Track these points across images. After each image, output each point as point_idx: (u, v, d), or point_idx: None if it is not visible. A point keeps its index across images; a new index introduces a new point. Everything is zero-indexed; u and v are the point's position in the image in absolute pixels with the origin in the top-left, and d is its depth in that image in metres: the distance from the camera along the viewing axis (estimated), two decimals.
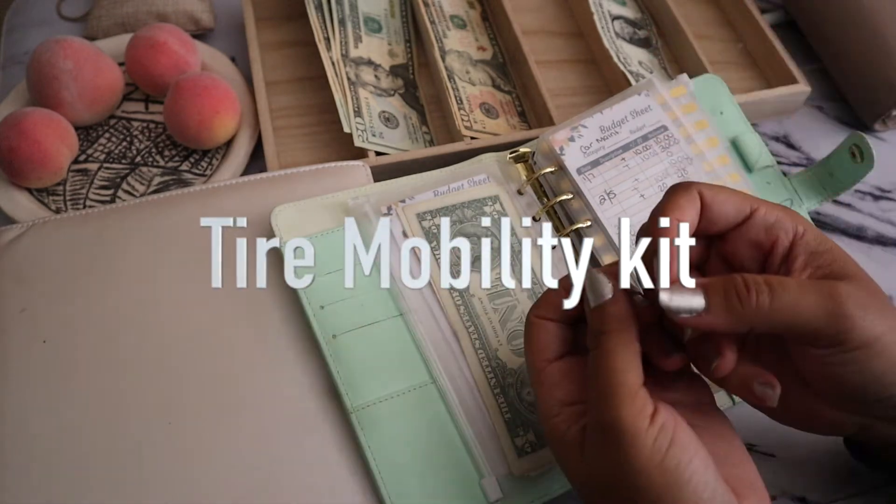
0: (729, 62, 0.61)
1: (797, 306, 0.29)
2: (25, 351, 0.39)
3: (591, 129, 0.46)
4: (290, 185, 0.45)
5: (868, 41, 0.55)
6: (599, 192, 0.44)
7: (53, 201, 0.49)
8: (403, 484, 0.37)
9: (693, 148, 0.46)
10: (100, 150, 0.52)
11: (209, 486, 0.37)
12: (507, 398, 0.39)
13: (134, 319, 0.40)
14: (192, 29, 0.58)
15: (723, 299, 0.30)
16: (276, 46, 0.58)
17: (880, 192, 0.54)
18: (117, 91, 0.52)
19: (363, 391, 0.39)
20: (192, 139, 0.50)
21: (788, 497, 0.41)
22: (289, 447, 0.38)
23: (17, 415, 0.38)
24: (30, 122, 0.47)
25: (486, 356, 0.40)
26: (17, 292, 0.41)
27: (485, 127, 0.52)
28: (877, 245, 0.52)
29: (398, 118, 0.53)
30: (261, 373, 0.39)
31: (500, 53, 0.59)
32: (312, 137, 0.54)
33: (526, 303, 0.42)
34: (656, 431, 0.28)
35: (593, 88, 0.58)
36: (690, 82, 0.48)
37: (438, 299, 0.41)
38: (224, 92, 0.50)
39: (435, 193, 0.44)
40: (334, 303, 0.40)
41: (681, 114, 0.47)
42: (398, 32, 0.58)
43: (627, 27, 0.60)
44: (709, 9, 0.64)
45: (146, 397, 0.38)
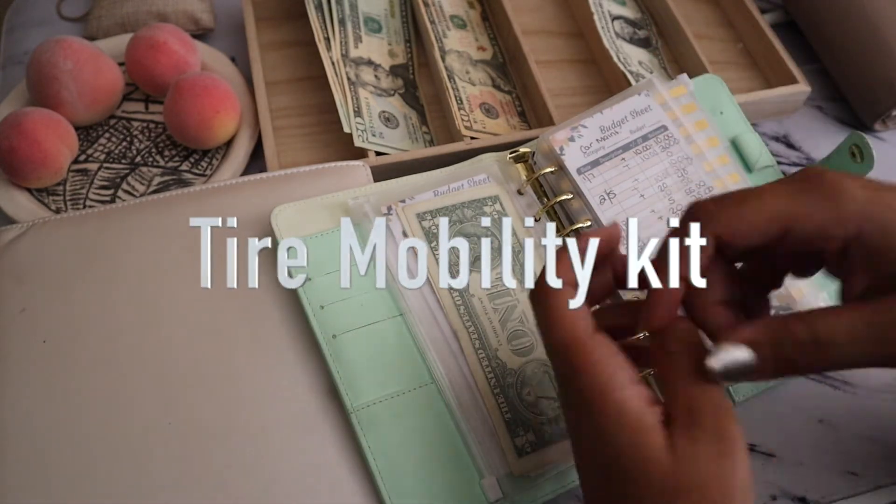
0: (729, 62, 0.61)
1: (847, 357, 0.28)
2: (25, 351, 0.39)
3: (591, 129, 0.46)
4: (289, 185, 0.45)
5: (868, 41, 0.55)
6: (599, 192, 0.44)
7: (53, 201, 0.49)
8: (403, 484, 0.37)
9: (693, 148, 0.46)
10: (100, 150, 0.52)
11: (209, 486, 0.37)
12: (507, 398, 0.39)
13: (134, 319, 0.40)
14: (192, 29, 0.58)
15: (771, 357, 0.28)
16: (276, 46, 0.58)
17: None
18: (117, 91, 0.52)
19: (363, 391, 0.39)
20: (192, 139, 0.50)
21: (788, 497, 0.41)
22: (289, 447, 0.38)
23: (17, 415, 0.38)
24: (30, 122, 0.47)
25: (486, 356, 0.40)
26: (17, 292, 0.41)
27: (485, 127, 0.52)
28: None
29: (398, 118, 0.53)
30: (261, 373, 0.39)
31: (500, 53, 0.59)
32: (312, 137, 0.54)
33: (526, 303, 0.42)
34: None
35: (593, 88, 0.58)
36: (690, 82, 0.48)
37: (438, 299, 0.41)
38: (224, 92, 0.50)
39: (435, 193, 0.44)
40: (334, 303, 0.40)
41: (681, 114, 0.47)
42: (398, 32, 0.58)
43: (627, 27, 0.60)
44: (709, 9, 0.64)
45: (146, 397, 0.38)
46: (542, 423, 0.39)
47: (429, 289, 0.41)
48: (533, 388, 0.40)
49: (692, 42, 0.57)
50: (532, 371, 0.40)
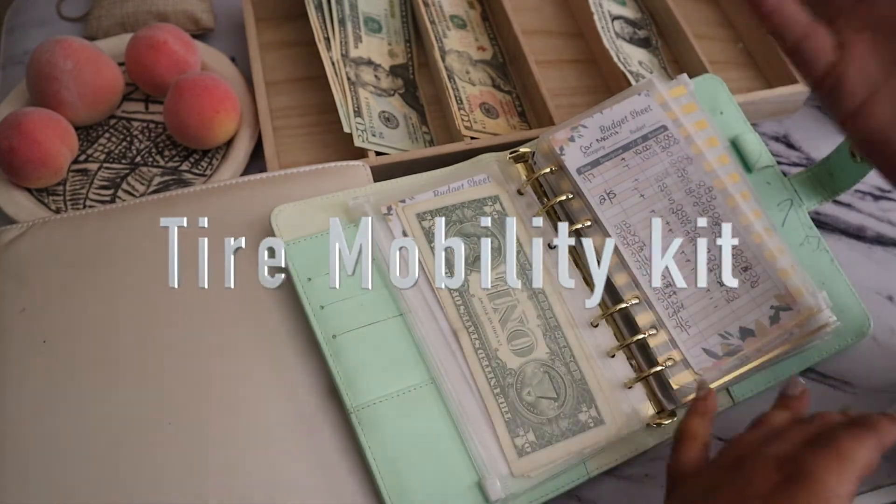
0: (729, 62, 0.61)
1: None
2: (25, 351, 0.39)
3: (591, 129, 0.46)
4: (289, 185, 0.45)
5: None
6: (599, 192, 0.44)
7: (53, 201, 0.49)
8: (403, 483, 0.37)
9: (693, 148, 0.46)
10: (100, 150, 0.52)
11: (209, 486, 0.37)
12: (507, 398, 0.39)
13: (134, 319, 0.40)
14: (192, 29, 0.58)
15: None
16: (276, 46, 0.58)
17: (880, 192, 0.54)
18: (117, 91, 0.52)
19: (363, 391, 0.39)
20: (192, 139, 0.50)
21: None
22: (289, 447, 0.38)
23: (17, 415, 0.38)
24: (30, 122, 0.47)
25: (486, 356, 0.40)
26: (17, 292, 0.41)
27: (485, 127, 0.52)
28: (877, 245, 0.52)
29: (398, 118, 0.53)
30: (261, 373, 0.39)
31: (500, 53, 0.59)
32: (312, 137, 0.54)
33: (526, 303, 0.42)
34: None
35: (593, 88, 0.58)
36: (690, 82, 0.48)
37: (438, 299, 0.41)
38: (224, 92, 0.50)
39: (435, 193, 0.44)
40: (334, 303, 0.40)
41: (681, 114, 0.47)
42: (398, 32, 0.58)
43: (627, 27, 0.60)
44: (709, 9, 0.64)
45: (146, 397, 0.38)
46: (542, 423, 0.39)
47: (429, 289, 0.41)
48: (533, 388, 0.40)
49: (692, 42, 0.57)
50: (532, 371, 0.40)
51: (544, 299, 0.42)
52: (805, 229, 0.47)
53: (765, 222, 0.44)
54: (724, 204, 0.44)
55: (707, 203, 0.45)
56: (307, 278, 0.41)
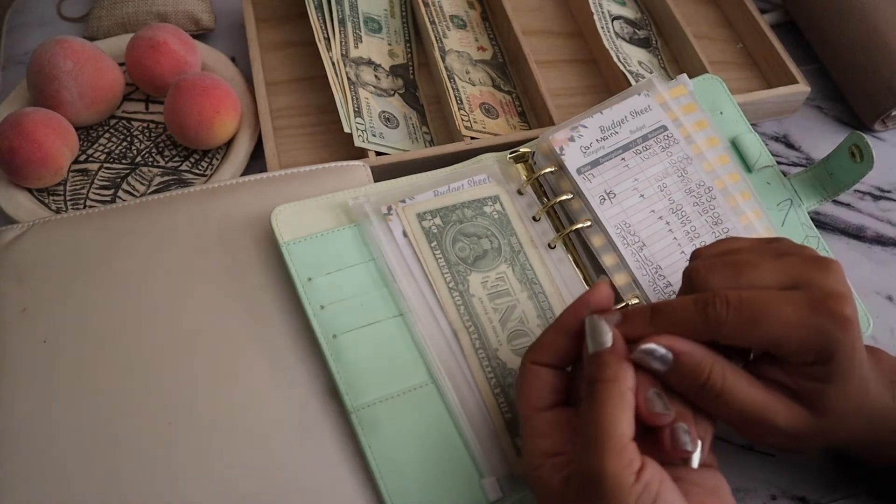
0: (729, 62, 0.61)
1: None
2: (25, 351, 0.39)
3: (591, 129, 0.46)
4: (290, 185, 0.45)
5: (867, 41, 0.55)
6: (599, 192, 0.44)
7: (54, 201, 0.49)
8: (403, 484, 0.37)
9: (693, 148, 0.46)
10: (100, 150, 0.52)
11: (209, 486, 0.37)
12: (507, 398, 0.39)
13: (134, 319, 0.40)
14: (192, 29, 0.58)
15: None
16: (276, 46, 0.58)
17: (880, 192, 0.54)
18: (117, 91, 0.52)
19: (363, 391, 0.39)
20: (192, 139, 0.50)
21: (788, 497, 0.41)
22: (289, 447, 0.38)
23: (17, 415, 0.38)
24: (30, 122, 0.47)
25: (486, 356, 0.40)
26: (17, 292, 0.41)
27: (485, 127, 0.52)
28: (876, 245, 0.52)
29: (398, 118, 0.53)
30: (261, 373, 0.40)
31: (500, 53, 0.59)
32: (312, 137, 0.54)
33: (526, 303, 0.42)
34: (641, 489, 0.27)
35: (593, 88, 0.58)
36: (690, 82, 0.48)
37: (438, 299, 0.41)
38: (224, 92, 0.50)
39: (435, 193, 0.44)
40: (334, 303, 0.40)
41: (681, 114, 0.47)
42: (398, 32, 0.58)
43: (627, 27, 0.60)
44: (709, 9, 0.64)
45: (146, 397, 0.38)
46: None
47: (429, 289, 0.41)
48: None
49: (692, 42, 0.57)
50: None
51: (544, 299, 0.42)
52: (805, 229, 0.47)
53: (765, 222, 0.44)
54: (724, 204, 0.44)
55: (707, 203, 0.45)
56: (307, 278, 0.41)
